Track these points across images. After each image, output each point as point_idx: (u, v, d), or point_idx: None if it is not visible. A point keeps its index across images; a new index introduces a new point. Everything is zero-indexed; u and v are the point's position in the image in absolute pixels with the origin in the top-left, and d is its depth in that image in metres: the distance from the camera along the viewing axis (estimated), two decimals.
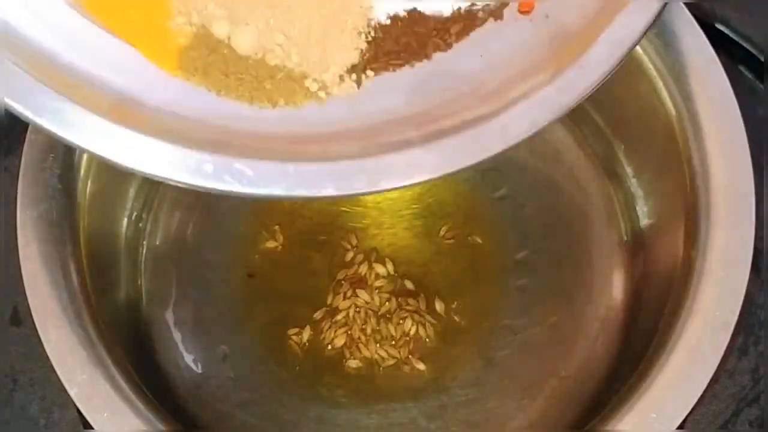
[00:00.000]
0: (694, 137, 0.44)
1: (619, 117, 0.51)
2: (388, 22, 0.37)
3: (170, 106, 0.35)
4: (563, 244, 0.54)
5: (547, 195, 0.55)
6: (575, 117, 0.54)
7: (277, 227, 0.54)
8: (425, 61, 0.38)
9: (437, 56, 0.38)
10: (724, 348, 0.41)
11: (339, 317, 0.52)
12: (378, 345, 0.52)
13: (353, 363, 0.52)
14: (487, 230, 0.54)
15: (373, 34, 0.37)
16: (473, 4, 0.38)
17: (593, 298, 0.53)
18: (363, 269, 0.53)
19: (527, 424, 0.51)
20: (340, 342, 0.52)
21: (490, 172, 0.55)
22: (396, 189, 0.34)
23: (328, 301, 0.53)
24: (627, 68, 0.46)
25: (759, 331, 0.51)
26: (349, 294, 0.52)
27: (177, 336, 0.52)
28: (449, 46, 0.38)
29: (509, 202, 0.55)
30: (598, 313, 0.52)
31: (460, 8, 0.38)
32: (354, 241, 0.54)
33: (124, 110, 0.34)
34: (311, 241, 0.55)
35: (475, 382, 0.52)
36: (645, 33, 0.35)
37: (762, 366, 0.51)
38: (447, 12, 0.38)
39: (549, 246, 0.54)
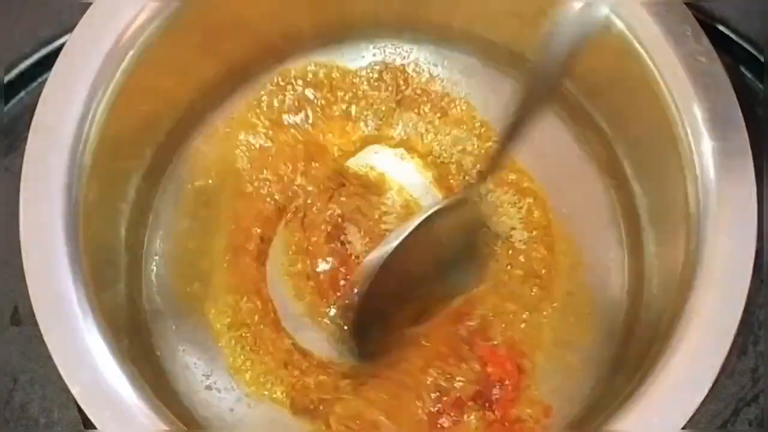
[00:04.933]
0: (694, 138, 0.44)
1: (619, 117, 0.51)
2: None
3: None
4: (563, 245, 0.54)
5: (548, 195, 0.55)
6: (576, 117, 0.54)
7: None
8: None
9: None
10: (725, 352, 0.40)
11: None
12: None
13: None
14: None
15: None
16: None
17: (593, 298, 0.53)
18: None
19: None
20: None
21: None
22: None
23: None
24: (628, 68, 0.46)
25: (758, 331, 0.52)
26: None
27: (178, 333, 0.52)
28: None
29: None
30: (599, 314, 0.52)
31: None
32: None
33: None
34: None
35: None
36: None
37: (761, 365, 0.51)
38: None
39: (549, 246, 0.54)
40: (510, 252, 0.53)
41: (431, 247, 0.50)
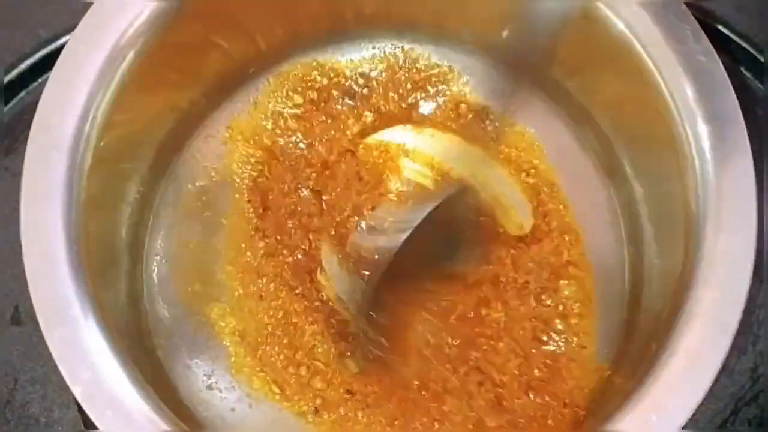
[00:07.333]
0: (693, 137, 0.44)
1: (620, 117, 0.51)
2: None
3: None
4: (563, 244, 0.54)
5: (548, 195, 0.55)
6: (576, 117, 0.54)
7: None
8: None
9: None
10: (725, 351, 0.40)
11: None
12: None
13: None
14: None
15: None
16: None
17: (593, 298, 0.53)
18: None
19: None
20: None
21: None
22: None
23: None
24: (628, 69, 0.47)
25: (758, 331, 0.52)
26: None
27: (179, 333, 0.52)
28: None
29: None
30: (598, 313, 0.52)
31: None
32: None
33: None
34: None
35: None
36: None
37: (761, 365, 0.51)
38: None
39: (549, 246, 0.54)
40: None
41: (435, 232, 0.52)
